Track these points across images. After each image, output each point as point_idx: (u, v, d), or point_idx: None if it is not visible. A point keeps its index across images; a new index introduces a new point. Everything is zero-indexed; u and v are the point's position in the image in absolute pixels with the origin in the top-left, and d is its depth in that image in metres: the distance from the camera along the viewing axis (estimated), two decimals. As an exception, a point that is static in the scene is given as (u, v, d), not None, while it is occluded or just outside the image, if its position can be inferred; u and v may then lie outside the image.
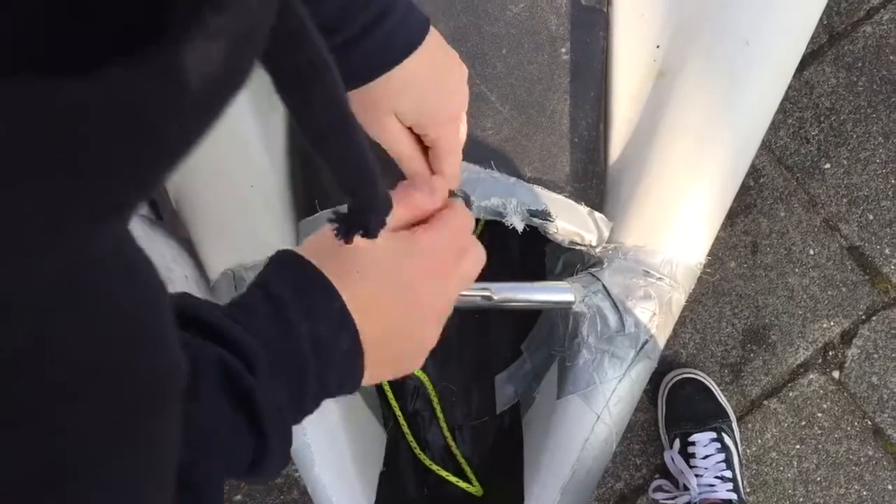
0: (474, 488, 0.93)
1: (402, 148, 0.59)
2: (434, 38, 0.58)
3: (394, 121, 0.57)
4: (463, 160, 0.66)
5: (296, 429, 0.83)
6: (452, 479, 0.90)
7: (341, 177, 0.42)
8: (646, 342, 0.81)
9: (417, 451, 0.93)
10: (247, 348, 0.41)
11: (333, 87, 0.38)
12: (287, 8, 0.35)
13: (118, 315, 0.26)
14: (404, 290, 0.48)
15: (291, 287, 0.45)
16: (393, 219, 0.47)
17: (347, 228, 0.45)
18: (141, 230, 0.84)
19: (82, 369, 0.24)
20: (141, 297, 0.27)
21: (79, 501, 0.25)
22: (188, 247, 0.87)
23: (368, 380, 0.48)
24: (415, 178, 0.58)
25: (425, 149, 0.60)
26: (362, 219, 0.45)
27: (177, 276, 0.82)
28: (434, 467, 0.88)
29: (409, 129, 0.59)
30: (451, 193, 0.65)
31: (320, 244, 0.48)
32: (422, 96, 0.58)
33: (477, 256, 0.53)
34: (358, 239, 0.46)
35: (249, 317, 0.43)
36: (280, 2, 0.31)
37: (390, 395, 1.01)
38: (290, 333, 0.43)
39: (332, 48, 0.50)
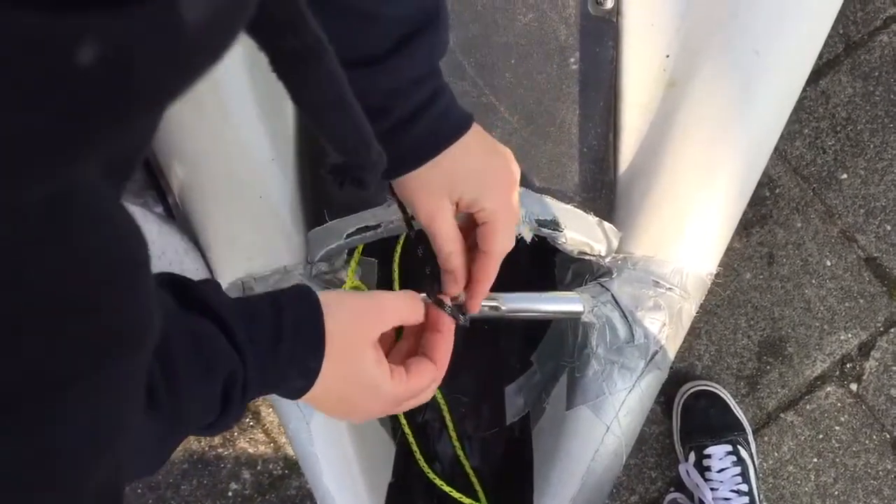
0: None
1: (449, 240, 0.58)
2: (477, 126, 0.58)
3: (448, 207, 0.57)
4: None
5: (304, 439, 0.83)
6: (462, 498, 0.89)
7: (337, 144, 0.44)
8: (655, 353, 0.81)
9: (422, 464, 0.93)
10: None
11: (330, 67, 0.39)
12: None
13: (94, 255, 0.27)
14: (350, 401, 0.54)
15: (293, 321, 0.48)
16: (397, 315, 0.55)
17: (342, 179, 0.47)
18: (155, 226, 0.84)
19: (52, 299, 0.25)
20: (118, 249, 0.29)
21: (32, 429, 0.26)
22: (198, 246, 0.88)
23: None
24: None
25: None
26: (357, 174, 0.48)
27: (188, 268, 0.83)
28: (438, 482, 0.87)
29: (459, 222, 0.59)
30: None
31: (345, 306, 0.52)
32: (479, 169, 0.57)
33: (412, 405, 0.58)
34: (360, 341, 0.52)
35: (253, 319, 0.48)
36: None
37: None
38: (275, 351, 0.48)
39: (382, 133, 0.52)
